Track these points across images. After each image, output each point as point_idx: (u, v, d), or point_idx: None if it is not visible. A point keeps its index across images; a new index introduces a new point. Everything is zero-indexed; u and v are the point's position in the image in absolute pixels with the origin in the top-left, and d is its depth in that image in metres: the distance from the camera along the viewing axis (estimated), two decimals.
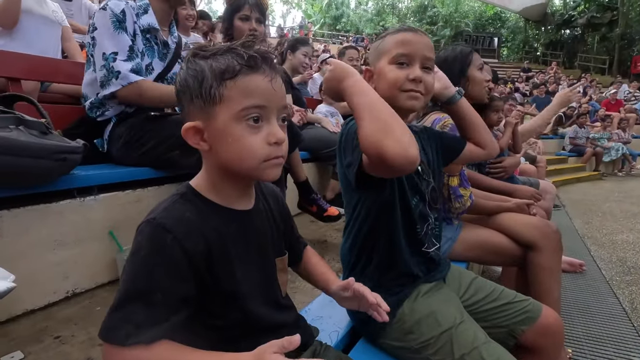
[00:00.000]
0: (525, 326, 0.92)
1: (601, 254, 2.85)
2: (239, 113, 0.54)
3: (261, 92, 0.55)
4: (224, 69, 0.54)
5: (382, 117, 0.70)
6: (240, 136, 0.54)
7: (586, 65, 18.48)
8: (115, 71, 1.43)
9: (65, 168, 1.19)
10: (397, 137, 0.67)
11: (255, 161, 0.55)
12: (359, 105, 0.72)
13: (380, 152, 0.67)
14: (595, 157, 7.61)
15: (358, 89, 0.75)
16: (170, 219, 0.53)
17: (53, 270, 1.25)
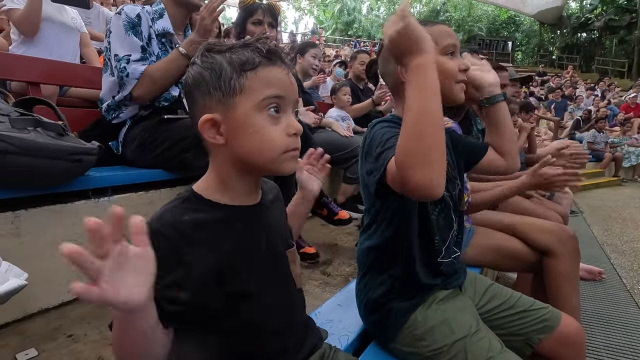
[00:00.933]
0: (543, 335, 0.89)
1: (622, 261, 2.76)
2: (260, 103, 0.55)
3: (281, 83, 0.56)
4: (244, 61, 0.55)
5: (429, 138, 0.63)
6: (262, 127, 0.55)
7: (604, 68, 18.06)
8: (127, 71, 1.47)
9: (81, 169, 1.22)
10: (431, 171, 0.62)
11: (275, 153, 0.56)
12: (413, 105, 0.64)
13: (406, 179, 0.64)
14: (615, 162, 7.40)
15: (420, 79, 0.65)
16: (164, 223, 0.53)
17: (67, 270, 1.27)
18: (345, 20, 28.83)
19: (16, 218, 1.14)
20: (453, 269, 0.94)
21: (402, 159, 0.65)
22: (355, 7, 29.36)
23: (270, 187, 0.71)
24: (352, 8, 29.14)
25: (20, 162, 1.03)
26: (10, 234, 1.13)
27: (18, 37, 2.12)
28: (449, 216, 0.90)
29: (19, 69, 1.69)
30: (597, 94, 10.91)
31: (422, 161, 0.62)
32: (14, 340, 1.06)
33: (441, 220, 0.88)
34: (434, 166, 0.63)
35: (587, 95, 10.54)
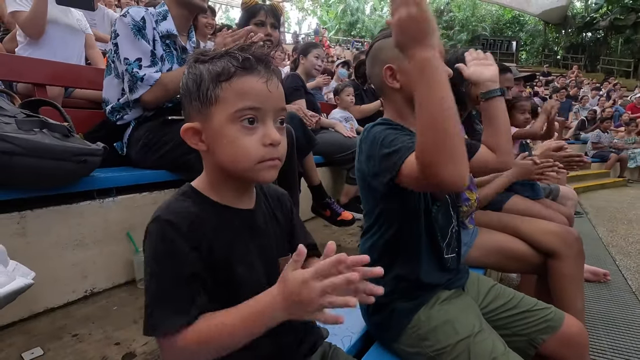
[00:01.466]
0: (546, 335, 0.89)
1: (627, 263, 2.73)
2: (233, 114, 0.55)
3: (256, 93, 0.56)
4: (219, 71, 0.55)
5: (451, 131, 0.62)
6: (235, 137, 0.55)
7: (609, 68, 17.91)
8: (140, 75, 1.48)
9: (86, 170, 1.23)
10: (459, 163, 0.62)
11: (250, 162, 0.56)
12: (429, 99, 0.63)
13: (438, 178, 0.63)
14: (620, 163, 7.34)
15: (431, 74, 0.63)
16: (174, 214, 0.55)
17: (72, 270, 1.29)
18: (349, 20, 28.82)
19: (22, 218, 1.15)
20: (457, 267, 0.95)
21: (428, 156, 0.64)
22: (359, 7, 29.34)
23: (273, 193, 0.72)
24: (355, 8, 29.12)
25: (26, 163, 1.04)
26: (17, 234, 1.14)
27: (24, 39, 2.14)
28: (447, 212, 0.91)
29: (25, 70, 1.71)
30: (602, 94, 10.82)
31: (450, 155, 0.62)
32: (20, 339, 1.07)
33: (440, 217, 0.90)
34: (462, 160, 0.63)
35: (593, 95, 10.46)
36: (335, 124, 2.68)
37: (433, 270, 0.89)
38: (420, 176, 0.67)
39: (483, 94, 1.02)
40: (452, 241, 0.93)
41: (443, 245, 0.90)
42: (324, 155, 2.53)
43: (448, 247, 0.92)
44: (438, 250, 0.89)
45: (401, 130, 0.83)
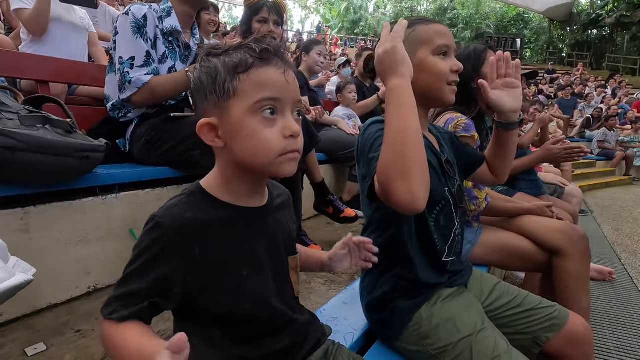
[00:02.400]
0: (551, 333, 0.87)
1: (633, 262, 2.71)
2: (253, 106, 0.54)
3: (274, 84, 0.55)
4: (237, 63, 0.54)
5: (408, 153, 0.66)
6: (255, 130, 0.54)
7: (615, 66, 17.72)
8: (129, 78, 1.47)
9: (88, 166, 1.23)
10: (411, 185, 0.65)
11: (272, 155, 0.54)
12: (392, 122, 0.69)
13: (388, 192, 0.67)
14: (626, 161, 7.27)
15: (398, 98, 0.70)
16: (169, 217, 0.54)
17: (76, 266, 1.29)
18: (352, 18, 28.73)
19: (25, 214, 1.16)
20: (459, 266, 0.93)
21: (384, 173, 0.68)
22: (362, 5, 29.24)
23: (280, 192, 0.71)
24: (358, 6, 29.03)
25: (28, 158, 1.04)
26: (20, 230, 1.14)
27: (27, 37, 2.15)
28: (450, 214, 0.89)
29: (28, 67, 1.71)
30: (607, 92, 10.72)
31: (402, 176, 0.66)
32: (24, 334, 1.07)
33: (442, 220, 0.87)
34: (414, 180, 0.66)
35: (598, 93, 10.37)
36: (338, 122, 2.67)
37: (431, 272, 0.87)
38: (379, 190, 0.71)
39: (500, 123, 0.96)
40: (454, 243, 0.90)
41: (445, 248, 0.88)
42: (327, 153, 2.52)
43: (450, 250, 0.89)
44: (436, 254, 0.87)
45: None
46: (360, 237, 0.73)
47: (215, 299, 0.56)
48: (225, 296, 0.57)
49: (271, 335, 0.61)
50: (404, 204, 0.66)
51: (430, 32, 0.85)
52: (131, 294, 0.51)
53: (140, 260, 0.52)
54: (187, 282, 0.54)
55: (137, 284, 0.51)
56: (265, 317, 0.60)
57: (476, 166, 1.03)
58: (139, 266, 0.52)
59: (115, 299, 0.52)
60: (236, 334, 0.59)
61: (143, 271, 0.52)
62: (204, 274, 0.55)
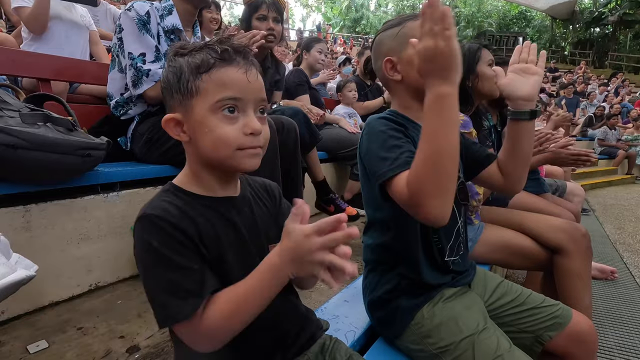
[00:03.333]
0: (554, 332, 0.87)
1: (635, 261, 2.70)
2: (214, 105, 0.56)
3: (235, 84, 0.57)
4: (199, 63, 0.56)
5: (449, 172, 0.64)
6: (215, 126, 0.56)
7: (618, 64, 17.64)
8: (145, 70, 1.47)
9: (90, 164, 1.23)
10: (445, 204, 0.65)
11: (229, 150, 0.56)
12: (436, 138, 0.64)
13: (420, 206, 0.66)
14: (628, 160, 7.24)
15: (448, 111, 0.64)
16: (160, 208, 0.55)
17: (77, 264, 1.29)
18: (353, 16, 28.67)
19: (27, 212, 1.16)
20: (463, 266, 0.93)
21: (419, 186, 0.65)
22: (363, 3, 29.17)
23: (259, 183, 0.72)
24: (359, 4, 28.97)
25: (30, 156, 1.04)
26: (21, 228, 1.15)
27: (28, 35, 2.15)
28: (452, 213, 0.87)
29: (29, 65, 1.71)
30: (610, 90, 10.66)
31: (439, 193, 0.64)
32: (25, 332, 1.08)
33: None
34: (448, 199, 0.65)
35: (600, 91, 10.31)
36: (339, 120, 2.67)
37: (434, 272, 0.87)
38: (406, 199, 0.69)
39: (511, 112, 0.88)
40: (456, 243, 0.89)
41: (447, 247, 0.87)
42: (328, 151, 2.52)
43: (452, 250, 0.88)
44: (438, 253, 0.86)
45: (405, 128, 0.80)
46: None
47: None
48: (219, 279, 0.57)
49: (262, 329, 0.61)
50: (434, 220, 0.66)
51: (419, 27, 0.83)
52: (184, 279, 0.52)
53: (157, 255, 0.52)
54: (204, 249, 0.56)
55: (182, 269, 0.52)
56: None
57: (482, 165, 0.96)
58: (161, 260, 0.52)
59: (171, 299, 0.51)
60: None
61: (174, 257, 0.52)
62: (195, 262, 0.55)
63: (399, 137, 0.77)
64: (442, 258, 0.87)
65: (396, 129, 0.79)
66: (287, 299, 0.67)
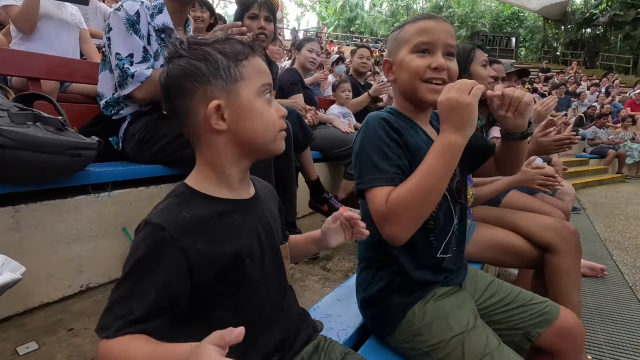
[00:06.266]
0: (542, 328, 0.88)
1: (624, 258, 2.74)
2: (260, 88, 0.60)
3: (267, 72, 0.63)
4: (237, 51, 0.59)
5: (431, 206, 0.73)
6: (264, 109, 0.60)
7: (609, 64, 17.87)
8: (130, 72, 1.46)
9: (80, 164, 1.21)
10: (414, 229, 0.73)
11: (275, 132, 0.62)
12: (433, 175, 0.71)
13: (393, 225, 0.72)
14: (618, 159, 7.34)
15: (452, 157, 0.72)
16: (166, 219, 0.53)
17: (68, 265, 1.28)
18: (348, 16, 28.70)
19: (16, 213, 1.14)
20: (456, 265, 0.94)
21: (401, 209, 0.71)
22: (358, 3, 29.21)
23: (263, 185, 0.72)
24: (354, 4, 29.00)
25: (19, 156, 1.02)
26: (11, 229, 1.13)
27: (17, 34, 2.11)
28: (448, 210, 0.88)
29: (19, 64, 1.69)
30: (601, 90, 10.80)
31: (415, 221, 0.73)
32: (15, 333, 1.07)
33: (442, 217, 0.87)
34: (417, 226, 0.74)
35: (591, 91, 10.44)
36: (333, 120, 2.67)
37: (427, 270, 0.87)
38: (382, 212, 0.73)
39: (504, 134, 0.88)
40: (451, 241, 0.90)
41: (441, 245, 0.87)
42: (322, 151, 2.52)
43: (447, 248, 0.89)
44: (432, 251, 0.87)
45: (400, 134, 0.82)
46: (350, 213, 0.73)
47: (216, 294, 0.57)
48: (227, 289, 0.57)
49: (261, 335, 0.61)
50: (395, 240, 0.74)
51: (412, 30, 0.84)
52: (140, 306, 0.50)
53: (141, 270, 0.51)
54: (193, 283, 0.53)
55: (142, 295, 0.50)
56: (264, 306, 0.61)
57: (487, 155, 0.96)
58: (140, 276, 0.51)
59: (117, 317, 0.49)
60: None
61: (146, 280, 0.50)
62: (210, 271, 0.54)
63: (392, 146, 0.79)
64: (436, 255, 0.87)
65: (391, 136, 0.80)
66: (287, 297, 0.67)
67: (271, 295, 0.63)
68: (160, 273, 0.51)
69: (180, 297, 0.53)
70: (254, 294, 0.60)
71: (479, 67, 1.48)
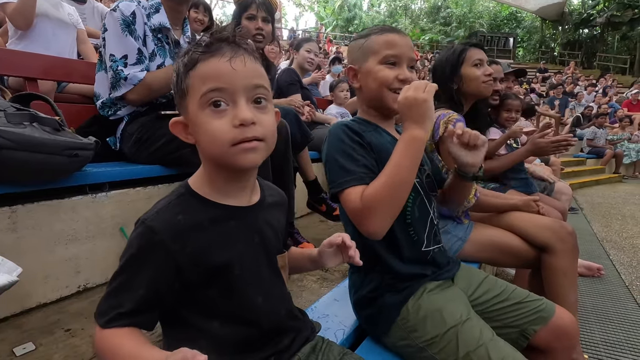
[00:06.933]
0: (538, 326, 0.89)
1: (621, 258, 2.76)
2: (200, 100, 0.54)
3: (217, 74, 0.54)
4: (186, 62, 0.56)
5: (402, 200, 0.77)
6: (205, 123, 0.54)
7: (606, 65, 17.94)
8: (123, 75, 1.46)
9: (77, 164, 1.21)
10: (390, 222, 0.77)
11: (223, 146, 0.53)
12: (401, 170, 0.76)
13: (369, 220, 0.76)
14: (616, 159, 7.38)
15: (416, 151, 0.77)
16: (160, 221, 0.54)
17: (65, 265, 1.28)
18: (346, 16, 28.70)
19: (13, 213, 1.14)
20: (445, 259, 0.95)
21: (374, 204, 0.75)
22: (356, 3, 29.21)
23: (273, 192, 0.71)
24: (352, 4, 29.00)
25: (16, 156, 1.02)
26: (7, 229, 1.13)
27: (15, 33, 2.11)
28: (422, 204, 0.92)
29: (15, 64, 1.69)
30: (598, 91, 10.85)
31: (390, 215, 0.77)
32: (12, 334, 1.06)
33: (417, 211, 0.90)
34: (392, 219, 0.77)
35: (588, 92, 10.49)
36: (331, 120, 2.67)
37: (413, 263, 0.89)
38: (357, 211, 0.78)
39: (458, 170, 0.96)
40: (432, 232, 0.93)
41: (424, 237, 0.91)
42: (320, 151, 2.52)
43: (429, 239, 0.92)
44: (415, 245, 0.90)
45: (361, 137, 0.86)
46: (346, 240, 0.69)
47: (208, 299, 0.57)
48: (218, 296, 0.57)
49: (264, 340, 0.61)
50: (374, 234, 0.77)
51: (380, 42, 0.90)
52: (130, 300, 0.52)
53: (133, 266, 0.53)
54: (182, 283, 0.55)
55: (133, 290, 0.52)
56: (258, 318, 0.60)
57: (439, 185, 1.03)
58: (132, 272, 0.53)
59: (111, 307, 0.52)
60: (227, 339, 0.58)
61: (137, 277, 0.53)
62: (197, 275, 0.55)
63: (356, 148, 0.84)
64: (421, 249, 0.90)
65: (353, 139, 0.85)
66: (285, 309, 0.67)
67: (268, 303, 0.62)
68: (150, 272, 0.53)
69: (168, 295, 0.55)
70: (249, 302, 0.60)
71: (469, 68, 1.47)
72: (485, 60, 1.50)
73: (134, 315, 0.52)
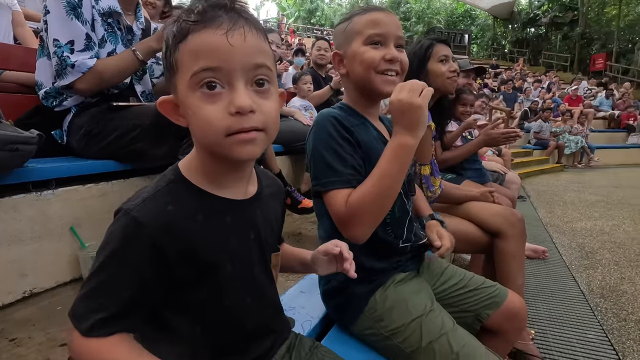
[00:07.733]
0: (491, 310, 0.95)
1: (562, 240, 3.02)
2: (190, 80, 0.46)
3: (211, 50, 0.45)
4: (176, 32, 0.47)
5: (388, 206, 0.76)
6: (197, 107, 0.46)
7: (550, 62, 19.31)
8: (70, 62, 1.34)
9: (18, 160, 1.11)
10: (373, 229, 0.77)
11: (217, 136, 0.46)
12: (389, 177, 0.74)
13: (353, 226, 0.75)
14: (558, 150, 8.01)
15: (405, 158, 0.74)
16: (147, 212, 0.47)
17: (8, 268, 1.17)
18: (308, 7, 28.47)
19: None
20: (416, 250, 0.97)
21: (360, 212, 0.74)
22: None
23: (270, 182, 0.66)
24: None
25: None
26: None
27: None
28: (402, 203, 0.92)
29: None
30: (543, 87, 11.67)
31: (376, 221, 0.76)
32: None
33: (397, 211, 0.90)
34: (376, 226, 0.77)
35: (535, 87, 11.26)
36: (295, 112, 2.66)
37: (388, 259, 0.91)
38: (342, 215, 0.76)
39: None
40: (411, 231, 0.93)
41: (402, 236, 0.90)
42: (284, 144, 2.50)
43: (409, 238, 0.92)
44: (392, 242, 0.90)
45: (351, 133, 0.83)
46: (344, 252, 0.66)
47: (196, 301, 0.53)
48: (207, 297, 0.53)
49: (246, 343, 0.59)
50: (356, 240, 0.77)
51: (363, 22, 0.85)
52: (114, 303, 0.46)
53: (115, 263, 0.47)
54: (170, 282, 0.49)
55: (117, 292, 0.46)
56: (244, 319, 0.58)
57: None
58: (114, 270, 0.47)
59: (91, 310, 0.46)
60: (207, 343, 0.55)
61: (120, 276, 0.47)
62: (187, 272, 0.50)
63: (345, 146, 0.81)
64: (398, 246, 0.90)
65: (343, 135, 0.81)
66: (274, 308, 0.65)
67: (256, 303, 0.58)
68: (134, 270, 0.47)
69: (156, 293, 0.49)
70: (237, 302, 0.56)
71: (435, 63, 1.50)
72: (450, 57, 1.53)
73: (118, 320, 0.46)
